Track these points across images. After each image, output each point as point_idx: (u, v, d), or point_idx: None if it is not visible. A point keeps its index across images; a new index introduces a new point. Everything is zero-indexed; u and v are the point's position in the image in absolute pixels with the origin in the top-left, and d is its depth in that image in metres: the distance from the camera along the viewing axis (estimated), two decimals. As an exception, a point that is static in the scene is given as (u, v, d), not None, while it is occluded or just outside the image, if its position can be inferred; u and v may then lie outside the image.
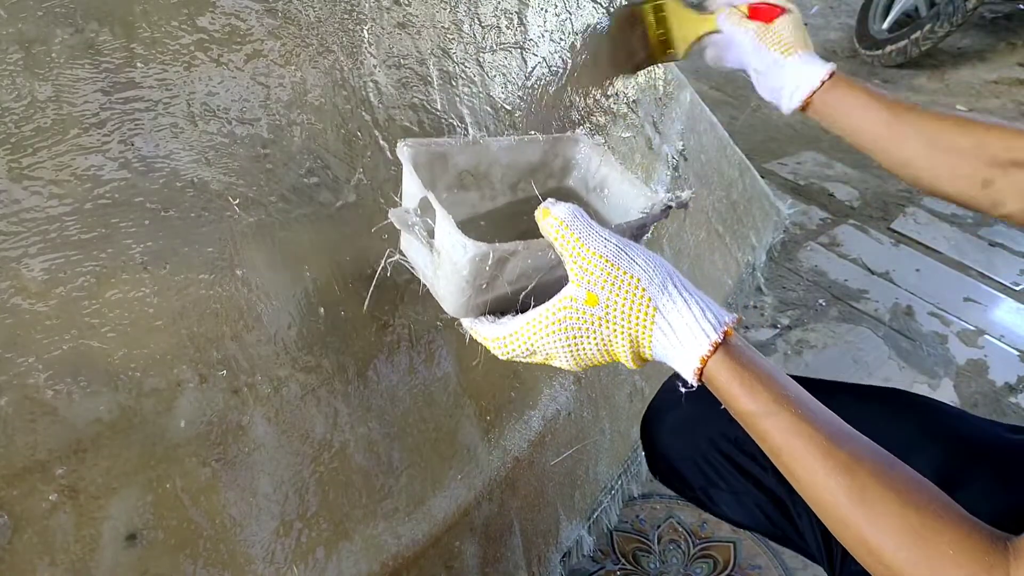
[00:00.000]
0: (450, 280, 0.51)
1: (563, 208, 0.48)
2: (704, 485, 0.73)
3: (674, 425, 0.75)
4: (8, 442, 0.49)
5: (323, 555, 0.66)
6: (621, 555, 1.08)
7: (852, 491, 0.42)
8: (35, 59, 0.52)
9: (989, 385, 1.47)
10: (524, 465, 0.91)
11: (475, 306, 0.52)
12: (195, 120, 0.60)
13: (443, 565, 0.79)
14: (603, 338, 0.48)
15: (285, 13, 0.68)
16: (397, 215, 0.55)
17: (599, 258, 0.46)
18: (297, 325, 0.66)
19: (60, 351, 0.51)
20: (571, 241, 0.47)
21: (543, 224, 0.48)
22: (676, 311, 0.46)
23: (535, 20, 0.98)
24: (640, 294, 0.46)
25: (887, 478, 0.42)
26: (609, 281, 0.46)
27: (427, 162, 0.58)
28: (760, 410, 0.45)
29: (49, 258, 0.51)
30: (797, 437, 0.44)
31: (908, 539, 0.40)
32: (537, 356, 0.51)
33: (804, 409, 0.45)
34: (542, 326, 0.48)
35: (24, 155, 0.51)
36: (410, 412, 0.76)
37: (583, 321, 0.47)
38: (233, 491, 0.60)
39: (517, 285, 0.52)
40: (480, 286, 0.50)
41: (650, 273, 0.46)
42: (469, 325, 0.54)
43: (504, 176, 0.64)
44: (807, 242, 1.86)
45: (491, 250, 0.47)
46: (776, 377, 0.46)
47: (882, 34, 3.18)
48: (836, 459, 0.43)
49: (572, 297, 0.47)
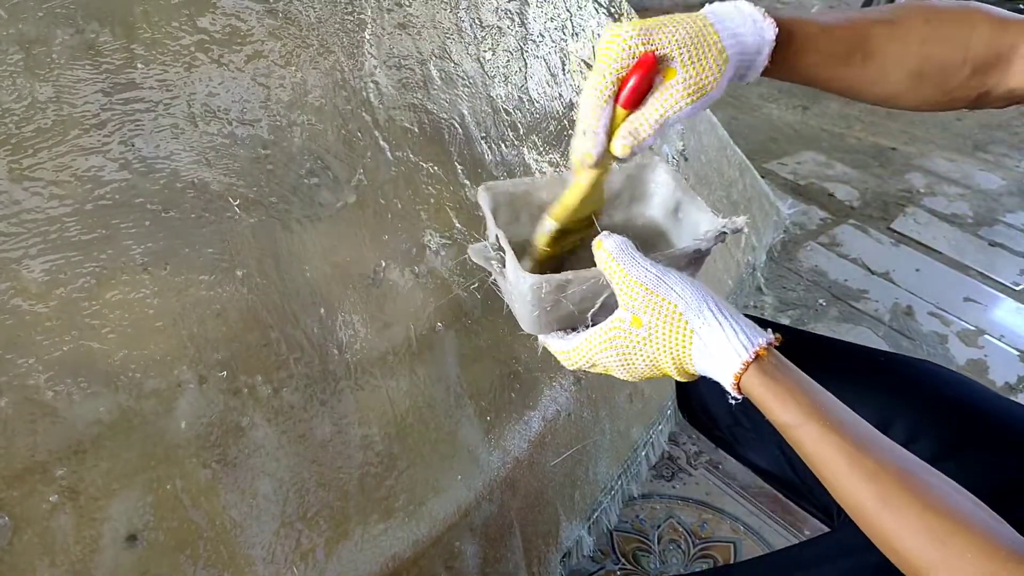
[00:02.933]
0: (520, 304, 0.59)
1: (612, 241, 0.54)
2: (731, 424, 0.78)
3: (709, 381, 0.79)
4: (8, 443, 0.49)
5: (323, 555, 0.66)
6: (621, 555, 1.08)
7: (877, 497, 0.45)
8: (36, 60, 0.52)
9: (989, 385, 1.47)
10: (524, 465, 0.91)
11: (545, 324, 0.60)
12: (195, 121, 0.60)
13: (443, 565, 0.79)
14: (649, 355, 0.53)
15: (286, 14, 0.68)
16: (476, 250, 0.63)
17: (640, 286, 0.52)
18: (297, 326, 0.65)
19: (60, 352, 0.51)
20: (617, 271, 0.53)
21: (596, 255, 0.55)
22: (711, 333, 0.50)
23: (535, 20, 0.98)
24: (678, 318, 0.51)
25: (910, 483, 0.44)
26: (650, 306, 0.51)
27: (507, 201, 0.66)
28: (791, 421, 0.49)
29: (49, 259, 0.51)
30: (826, 446, 0.47)
31: (928, 542, 0.42)
32: (597, 368, 0.57)
33: (833, 419, 0.48)
34: (597, 343, 0.55)
35: (25, 156, 0.51)
36: (410, 412, 0.76)
37: (631, 341, 0.53)
38: (233, 492, 0.60)
39: (582, 306, 0.59)
40: (545, 308, 0.58)
41: (687, 299, 0.51)
42: (542, 340, 0.61)
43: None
44: (807, 242, 1.86)
45: (544, 280, 0.55)
46: (807, 390, 0.50)
47: (882, 34, 3.18)
48: (862, 466, 0.46)
49: (620, 319, 0.53)
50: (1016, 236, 1.99)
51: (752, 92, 2.90)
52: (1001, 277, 1.81)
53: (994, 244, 1.95)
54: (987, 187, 2.25)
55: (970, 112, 2.82)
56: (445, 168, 0.82)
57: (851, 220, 1.98)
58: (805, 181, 2.17)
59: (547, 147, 0.98)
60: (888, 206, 2.07)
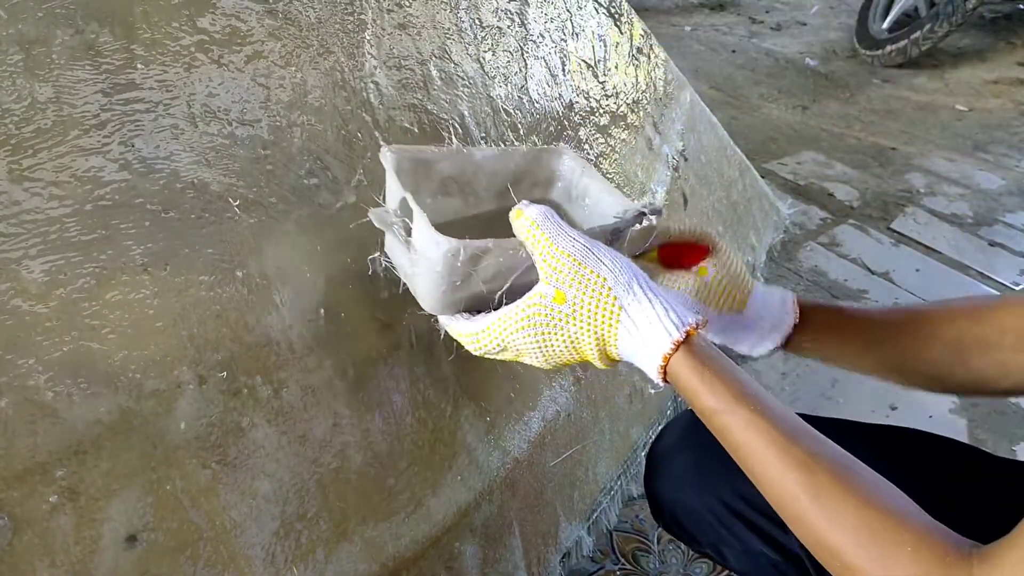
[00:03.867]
0: (426, 276, 0.53)
1: (535, 209, 0.50)
2: (715, 542, 0.71)
3: (678, 478, 0.72)
4: (8, 444, 0.49)
5: (323, 556, 0.66)
6: (621, 555, 1.08)
7: (809, 488, 0.42)
8: (35, 60, 0.52)
9: (988, 385, 1.47)
10: (524, 466, 0.91)
11: (451, 303, 0.54)
12: (195, 121, 0.60)
13: (443, 566, 0.79)
14: (570, 335, 0.49)
15: (285, 14, 0.68)
16: (377, 214, 0.57)
17: (567, 257, 0.48)
18: (297, 326, 0.65)
19: (60, 353, 0.51)
20: (541, 240, 0.49)
21: (516, 224, 0.50)
22: (641, 310, 0.47)
23: (535, 21, 0.98)
24: (606, 293, 0.47)
25: (846, 476, 0.42)
26: (576, 279, 0.47)
27: (411, 168, 0.59)
28: (719, 406, 0.46)
29: (49, 260, 0.51)
30: (755, 433, 0.45)
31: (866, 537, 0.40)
32: (508, 352, 0.53)
33: (762, 406, 0.45)
34: (512, 322, 0.50)
35: (24, 156, 0.51)
36: (410, 413, 0.76)
37: (551, 318, 0.49)
38: (233, 493, 0.60)
39: (492, 285, 0.53)
40: (454, 283, 0.52)
41: (616, 273, 0.47)
42: (445, 321, 0.56)
43: (488, 185, 0.66)
44: (807, 242, 1.86)
45: (462, 246, 0.49)
46: (737, 375, 0.47)
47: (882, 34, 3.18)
48: (793, 456, 0.43)
49: (541, 294, 0.49)
50: (1016, 236, 1.99)
51: (752, 92, 2.90)
52: (1001, 277, 1.81)
53: (994, 244, 1.95)
54: (987, 187, 2.25)
55: (970, 112, 2.82)
56: (445, 168, 0.81)
57: (851, 220, 1.98)
58: (805, 181, 2.17)
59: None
60: (888, 206, 2.07)
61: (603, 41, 1.13)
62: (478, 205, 0.66)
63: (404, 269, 0.58)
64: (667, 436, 0.76)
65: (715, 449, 0.50)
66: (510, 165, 0.66)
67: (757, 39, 3.55)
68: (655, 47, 1.29)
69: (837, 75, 3.14)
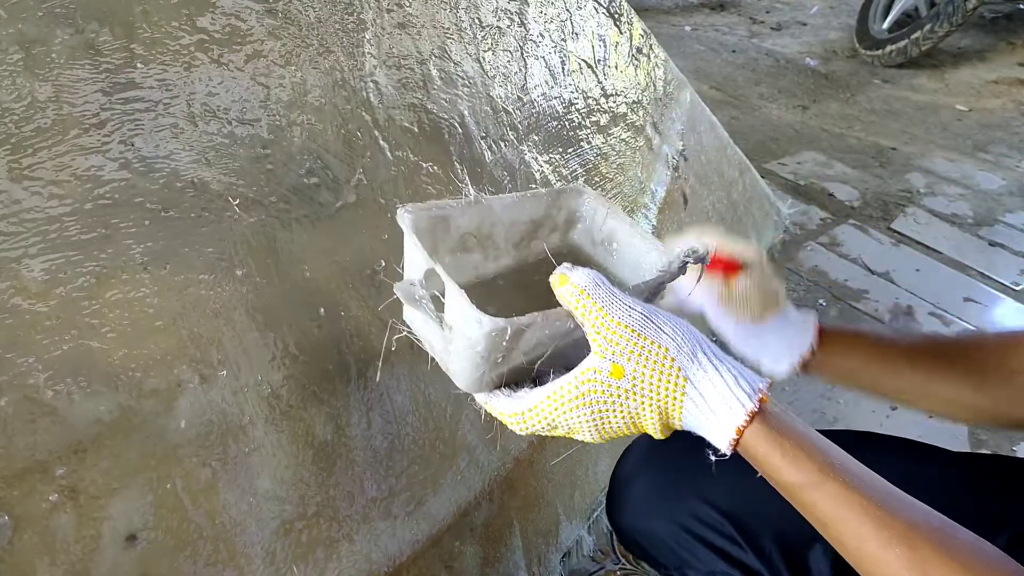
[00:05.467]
0: (463, 356, 0.48)
1: (582, 274, 0.45)
2: (679, 565, 0.70)
3: (636, 505, 0.71)
4: (8, 443, 0.49)
5: (323, 555, 0.66)
6: (621, 555, 1.08)
7: (913, 564, 0.40)
8: (35, 59, 0.52)
9: (989, 385, 1.47)
10: (524, 465, 0.91)
11: (489, 380, 0.50)
12: (195, 120, 0.60)
13: (443, 565, 0.79)
14: (630, 411, 0.45)
15: (285, 13, 0.68)
16: (403, 289, 0.51)
17: (624, 328, 0.44)
18: (297, 326, 0.66)
19: (60, 351, 0.51)
20: (593, 310, 0.44)
21: (560, 291, 0.46)
22: (708, 381, 0.44)
23: (535, 21, 0.98)
24: (669, 364, 0.44)
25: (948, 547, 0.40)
26: (636, 352, 0.44)
27: (428, 227, 0.55)
28: (805, 481, 0.43)
29: (49, 258, 0.51)
30: (848, 508, 0.42)
31: None
32: (559, 430, 0.48)
33: (852, 477, 0.43)
34: (564, 401, 0.46)
35: (24, 155, 0.51)
36: (410, 412, 0.76)
37: (608, 395, 0.45)
38: (233, 491, 0.60)
39: (533, 354, 0.49)
40: (496, 360, 0.47)
41: (678, 341, 0.44)
42: (483, 400, 0.51)
43: (507, 235, 0.62)
44: (807, 242, 1.86)
45: (508, 324, 0.44)
46: (818, 444, 0.44)
47: (882, 34, 3.18)
48: (892, 529, 0.41)
49: (596, 369, 0.45)
50: (1016, 236, 1.99)
51: (752, 92, 2.90)
52: (1001, 277, 1.81)
53: (994, 244, 1.95)
54: (987, 187, 2.25)
55: (970, 112, 2.82)
56: (445, 168, 0.82)
57: (851, 220, 1.98)
58: (805, 181, 2.17)
59: (547, 147, 0.98)
60: (888, 206, 2.07)
61: (603, 41, 1.13)
62: (498, 258, 0.62)
63: (434, 345, 0.53)
64: (627, 461, 0.74)
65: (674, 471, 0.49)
66: (528, 212, 0.63)
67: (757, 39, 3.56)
68: (655, 47, 1.29)
69: (837, 75, 3.14)
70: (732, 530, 0.65)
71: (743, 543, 0.65)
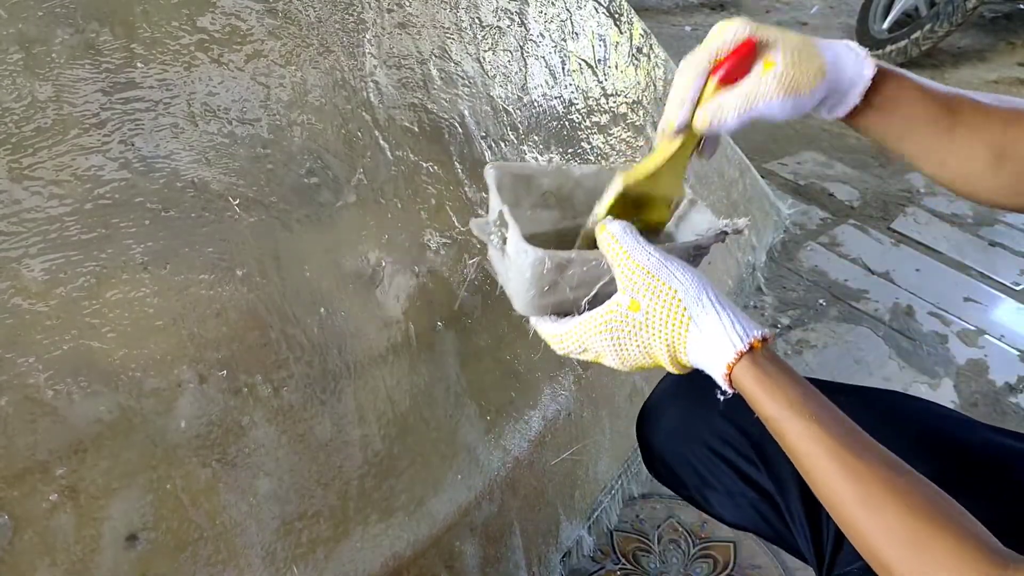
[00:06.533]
0: (517, 282, 0.59)
1: (616, 225, 0.55)
2: (699, 484, 0.76)
3: (668, 427, 0.78)
4: (8, 442, 0.49)
5: (323, 555, 0.66)
6: (621, 555, 1.08)
7: (858, 496, 0.45)
8: (35, 59, 0.52)
9: (989, 385, 1.47)
10: (524, 465, 0.91)
11: (540, 307, 0.59)
12: (195, 120, 0.60)
13: (443, 565, 0.79)
14: (644, 341, 0.53)
15: (285, 13, 0.68)
16: (477, 225, 0.63)
17: (642, 269, 0.52)
18: (297, 325, 0.65)
19: (60, 351, 0.51)
20: (619, 253, 0.53)
21: (599, 239, 0.55)
22: (708, 321, 0.50)
23: (535, 20, 0.98)
24: (676, 304, 0.51)
25: (893, 485, 0.45)
26: (650, 290, 0.51)
27: (511, 183, 0.65)
28: (778, 414, 0.49)
29: (49, 258, 0.51)
30: (810, 441, 0.47)
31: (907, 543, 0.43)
32: (589, 354, 0.57)
33: (819, 415, 0.48)
34: (592, 327, 0.54)
35: (25, 155, 0.51)
36: (410, 412, 0.76)
37: (626, 325, 0.53)
38: (233, 492, 0.60)
39: (578, 292, 0.58)
40: (543, 288, 0.57)
41: (687, 286, 0.51)
42: (534, 322, 0.61)
43: (586, 200, 0.69)
44: (807, 242, 1.86)
45: (547, 255, 0.54)
46: (796, 386, 0.50)
47: (882, 34, 3.18)
48: (845, 464, 0.46)
49: (618, 303, 0.53)
50: (1016, 236, 1.99)
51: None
52: (1001, 277, 1.81)
53: (994, 244, 1.95)
54: (987, 187, 2.25)
55: (970, 112, 2.81)
56: (445, 168, 0.82)
57: (851, 220, 1.98)
58: (805, 181, 2.17)
59: (547, 147, 0.98)
60: (888, 206, 2.07)
61: (603, 41, 1.13)
62: (575, 218, 0.70)
63: (500, 274, 0.64)
64: (661, 388, 0.82)
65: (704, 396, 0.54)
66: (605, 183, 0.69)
67: (757, 39, 3.55)
68: (655, 47, 1.29)
69: (837, 75, 3.14)
70: (752, 452, 0.71)
71: (761, 466, 0.71)
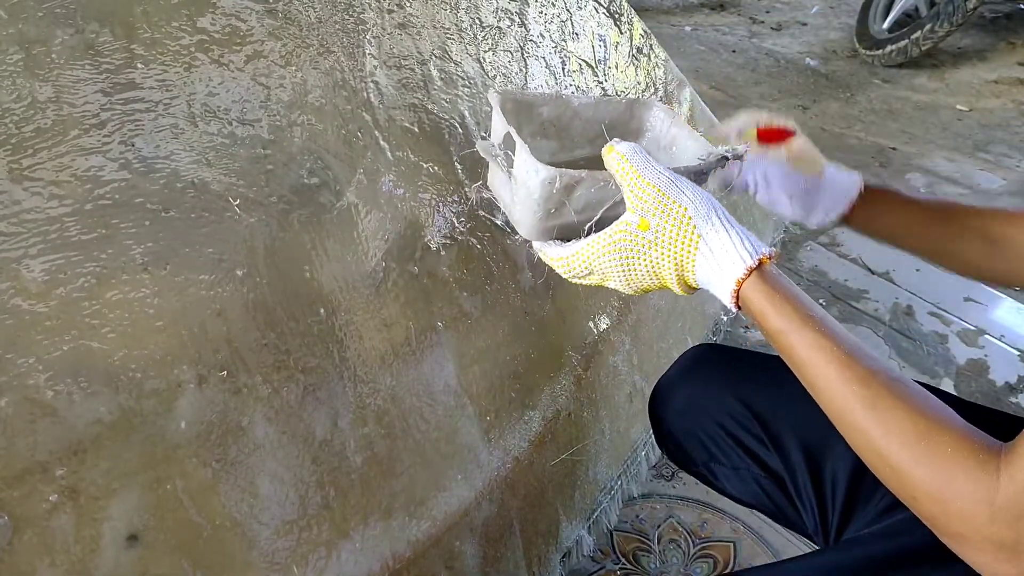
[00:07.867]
0: (524, 203, 0.58)
1: (625, 145, 0.55)
2: (707, 460, 0.79)
3: (680, 405, 0.80)
4: (8, 443, 0.49)
5: (323, 555, 0.66)
6: (621, 555, 1.08)
7: (866, 400, 0.47)
8: (35, 60, 0.52)
9: (989, 385, 1.47)
10: (524, 465, 0.91)
11: (545, 230, 0.59)
12: (195, 121, 0.60)
13: (443, 565, 0.79)
14: (652, 261, 0.53)
15: (286, 14, 0.68)
16: (483, 146, 0.62)
17: (652, 187, 0.52)
18: (298, 325, 0.66)
19: (60, 352, 0.51)
20: (629, 172, 0.53)
21: (607, 158, 0.55)
22: (718, 238, 0.51)
23: (535, 21, 0.98)
24: (686, 221, 0.51)
25: (898, 389, 0.47)
26: (660, 208, 0.52)
27: (513, 109, 0.65)
28: (786, 327, 0.50)
29: (49, 259, 0.51)
30: (819, 351, 0.49)
31: (913, 440, 0.45)
32: (594, 276, 0.57)
33: (826, 327, 0.49)
34: (600, 247, 0.54)
35: (24, 156, 0.51)
36: (410, 412, 0.76)
37: (635, 244, 0.53)
38: (233, 492, 0.60)
39: (583, 216, 0.58)
40: (549, 210, 0.57)
41: (696, 204, 0.51)
42: (539, 247, 0.61)
43: (584, 130, 0.71)
44: (807, 242, 1.86)
45: (558, 174, 0.54)
46: (803, 300, 0.51)
47: (882, 34, 3.18)
48: (853, 371, 0.47)
49: (627, 222, 0.53)
50: (1016, 236, 1.99)
51: (752, 92, 2.90)
52: (1001, 277, 1.80)
53: (994, 244, 1.94)
54: (987, 187, 2.25)
55: (970, 112, 2.82)
56: (445, 168, 0.82)
57: (851, 220, 1.98)
58: (805, 181, 2.17)
59: (547, 147, 0.98)
60: (888, 206, 2.07)
61: (603, 41, 1.13)
62: (572, 149, 0.71)
63: (504, 198, 0.64)
64: (673, 369, 0.85)
65: (717, 375, 0.59)
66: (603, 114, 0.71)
67: (757, 39, 3.55)
68: (655, 47, 1.29)
69: (837, 75, 3.14)
70: (760, 431, 0.73)
71: (768, 444, 0.73)
